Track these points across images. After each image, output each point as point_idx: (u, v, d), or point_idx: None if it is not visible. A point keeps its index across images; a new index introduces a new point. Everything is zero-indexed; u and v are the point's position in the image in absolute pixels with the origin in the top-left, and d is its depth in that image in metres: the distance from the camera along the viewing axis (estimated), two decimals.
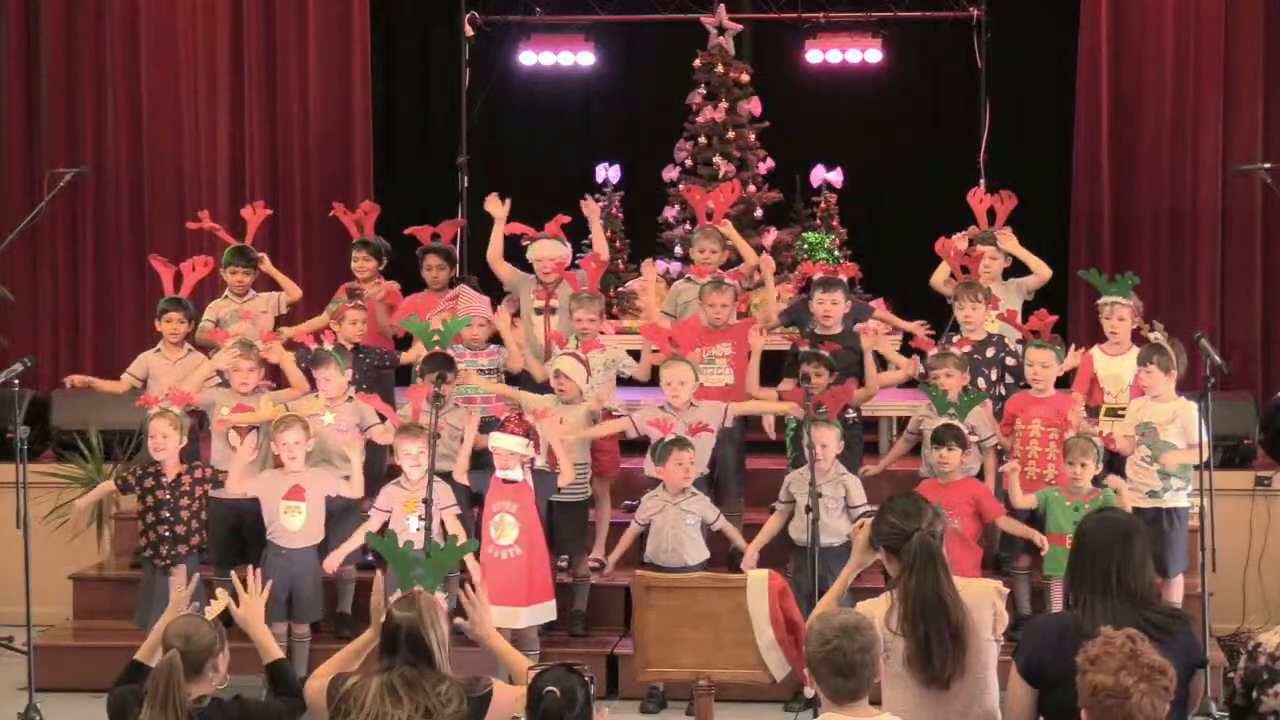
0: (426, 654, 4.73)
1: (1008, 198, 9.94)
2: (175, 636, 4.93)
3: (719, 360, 9.01)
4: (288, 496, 8.25)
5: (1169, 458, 8.17)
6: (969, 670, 4.87)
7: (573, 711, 4.48)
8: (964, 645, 4.84)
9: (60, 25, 11.49)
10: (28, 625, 8.08)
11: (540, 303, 9.41)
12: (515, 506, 8.15)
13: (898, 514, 4.98)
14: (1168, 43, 10.93)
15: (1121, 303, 8.75)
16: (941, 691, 4.85)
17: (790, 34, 12.46)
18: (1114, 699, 4.04)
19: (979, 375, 8.75)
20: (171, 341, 9.21)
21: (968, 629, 4.86)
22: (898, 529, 4.93)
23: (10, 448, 8.48)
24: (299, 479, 8.29)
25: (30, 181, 11.29)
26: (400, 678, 4.69)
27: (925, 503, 5.04)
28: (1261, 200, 10.76)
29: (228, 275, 9.64)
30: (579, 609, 8.70)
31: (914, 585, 4.85)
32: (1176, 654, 4.29)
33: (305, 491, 8.26)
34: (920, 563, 4.85)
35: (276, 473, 8.37)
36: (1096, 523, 4.96)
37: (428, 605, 4.77)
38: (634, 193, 12.02)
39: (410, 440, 8.23)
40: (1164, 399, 8.27)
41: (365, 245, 9.89)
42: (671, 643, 6.33)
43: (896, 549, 4.92)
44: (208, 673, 4.96)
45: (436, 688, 4.67)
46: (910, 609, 4.84)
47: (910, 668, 4.84)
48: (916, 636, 4.82)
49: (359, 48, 11.48)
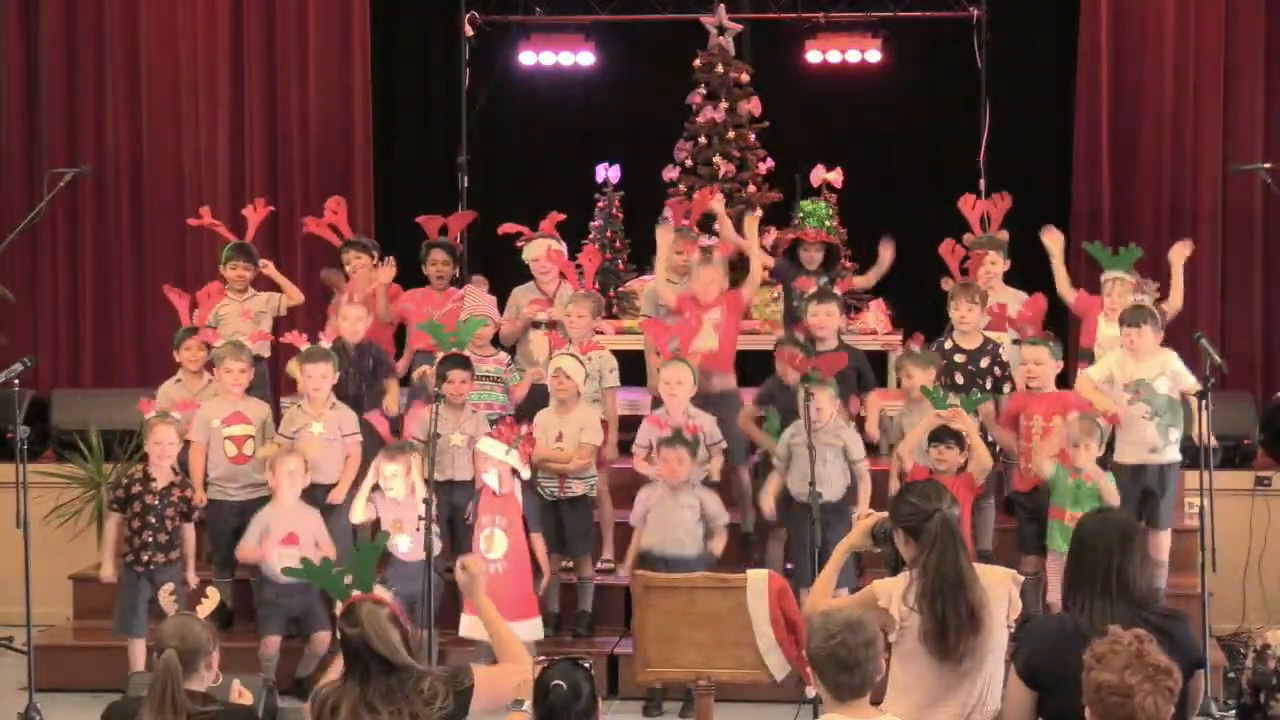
0: (388, 661, 4.54)
1: (1001, 200, 9.95)
2: (170, 636, 4.92)
3: (707, 325, 8.98)
4: (285, 541, 8.21)
5: (1188, 387, 8.21)
6: (981, 651, 4.98)
7: (578, 704, 4.49)
8: (979, 624, 4.98)
9: (60, 25, 11.48)
10: (28, 625, 8.07)
11: (542, 314, 9.39)
12: (504, 520, 8.11)
13: (918, 495, 5.17)
14: (1168, 43, 10.92)
15: (1124, 279, 8.80)
16: (954, 669, 4.99)
17: (790, 34, 12.46)
18: (1118, 697, 4.05)
19: (973, 384, 8.74)
20: (191, 370, 9.02)
21: (984, 609, 5.00)
22: (918, 509, 5.09)
23: (10, 448, 8.47)
24: (294, 525, 8.26)
25: (30, 181, 11.28)
26: (377, 691, 4.52)
27: (943, 488, 5.25)
28: (1261, 200, 10.75)
29: (228, 271, 9.62)
30: (584, 609, 8.69)
31: (935, 561, 5.00)
32: (1175, 654, 4.29)
33: (300, 537, 8.23)
34: (942, 540, 5.01)
35: (275, 507, 8.32)
36: (1095, 524, 4.98)
37: (369, 614, 4.57)
38: (634, 193, 12.03)
39: (388, 461, 8.18)
40: (1147, 354, 8.29)
41: (354, 244, 9.89)
42: (671, 643, 6.34)
43: (917, 529, 5.07)
44: (201, 671, 4.94)
45: (418, 686, 4.56)
46: (930, 585, 4.98)
47: (925, 643, 4.98)
48: (934, 612, 4.97)
49: (359, 48, 11.47)
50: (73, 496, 9.84)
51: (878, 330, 10.71)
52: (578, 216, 9.81)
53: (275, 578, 8.10)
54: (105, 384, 11.22)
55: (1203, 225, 10.87)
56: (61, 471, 9.90)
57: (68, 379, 11.39)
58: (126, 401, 10.02)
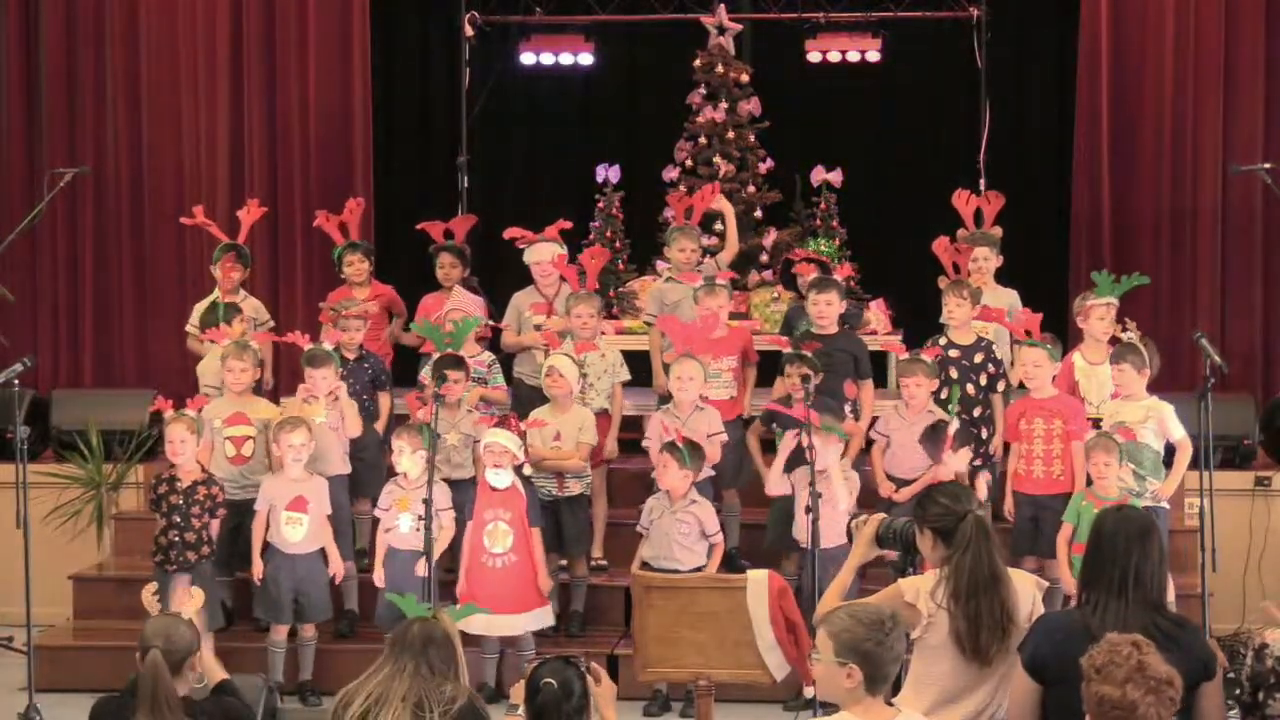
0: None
1: (994, 198, 9.95)
2: (155, 636, 4.92)
3: (724, 374, 9.03)
4: (290, 507, 8.26)
5: (1164, 490, 8.20)
6: (1008, 652, 4.98)
7: (570, 703, 4.49)
8: (1011, 623, 5.00)
9: (60, 25, 11.47)
10: (28, 625, 8.06)
11: (540, 318, 9.40)
12: (509, 514, 8.18)
13: (948, 496, 5.18)
14: (1168, 43, 10.91)
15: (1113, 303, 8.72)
16: (981, 669, 5.01)
17: (790, 34, 12.45)
18: (1120, 711, 4.04)
19: (968, 380, 8.73)
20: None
21: (1015, 609, 5.02)
22: (949, 510, 5.09)
23: (10, 448, 8.47)
24: (302, 489, 8.30)
25: (30, 181, 11.28)
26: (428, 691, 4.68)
27: (969, 489, 5.22)
28: (1262, 200, 10.75)
29: (219, 272, 9.63)
30: (576, 609, 8.73)
31: (970, 561, 5.01)
32: (1182, 663, 4.27)
33: (308, 504, 8.27)
34: (977, 540, 5.02)
35: (280, 478, 8.37)
36: (1115, 521, 4.92)
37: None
38: (634, 193, 12.02)
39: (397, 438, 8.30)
40: (1136, 398, 8.26)
41: (355, 248, 9.89)
42: (671, 643, 6.33)
43: (948, 530, 5.07)
44: (186, 672, 4.95)
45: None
46: (964, 584, 4.99)
47: (956, 641, 4.99)
48: (967, 612, 4.98)
49: (359, 47, 11.46)
50: (73, 496, 9.84)
51: (878, 330, 10.70)
52: (578, 217, 9.79)
53: (281, 547, 8.22)
54: (105, 384, 11.21)
55: (1203, 225, 10.88)
56: (61, 471, 9.89)
57: (68, 379, 11.38)
58: (126, 401, 10.05)
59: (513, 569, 8.16)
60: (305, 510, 8.27)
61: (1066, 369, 8.75)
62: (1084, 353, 8.84)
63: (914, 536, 5.21)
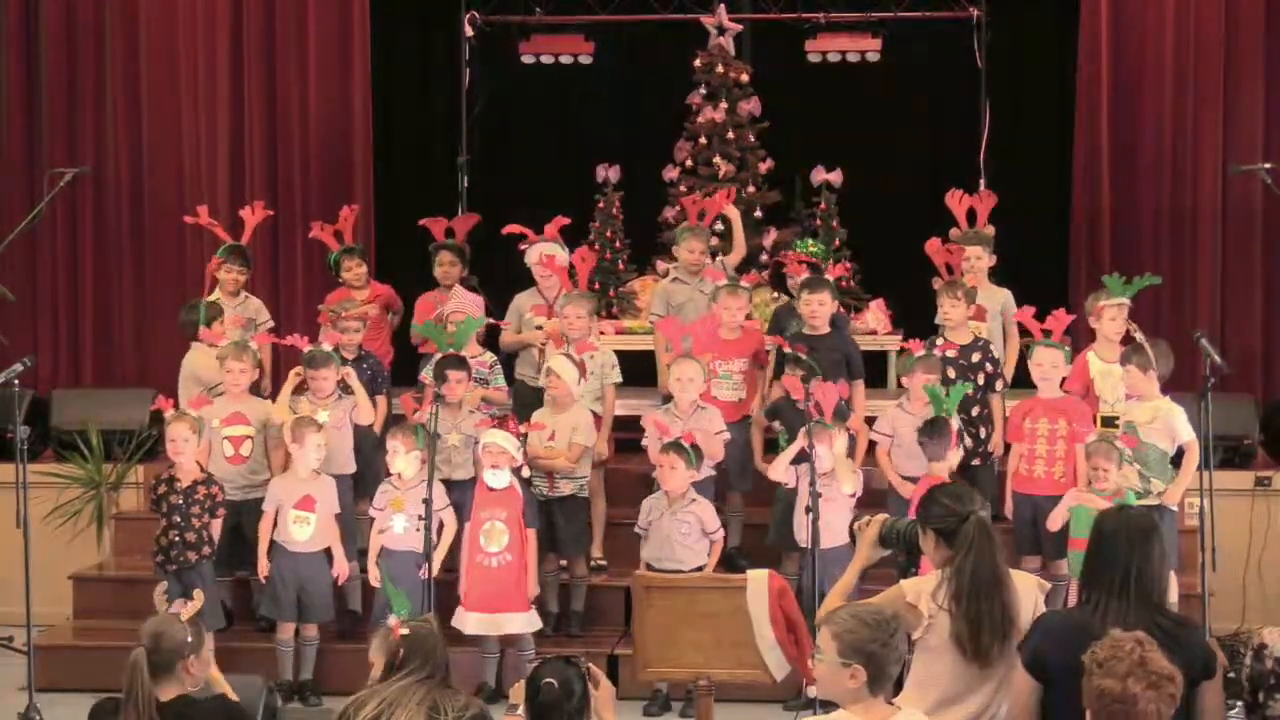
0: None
1: (987, 196, 9.95)
2: (144, 635, 4.94)
3: (735, 376, 9.04)
4: (298, 506, 8.27)
5: (1170, 495, 8.20)
6: (1009, 654, 4.98)
7: (570, 703, 4.49)
8: (1012, 625, 4.99)
9: (60, 25, 11.47)
10: (28, 625, 8.07)
11: (541, 319, 9.40)
12: (505, 514, 8.20)
13: (950, 497, 5.17)
14: (1168, 42, 10.91)
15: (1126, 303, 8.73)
16: (982, 670, 5.00)
17: (790, 34, 12.44)
18: (1120, 705, 4.04)
19: (965, 379, 8.73)
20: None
21: (1018, 611, 5.02)
22: (952, 511, 5.09)
23: (10, 448, 8.47)
24: (310, 488, 8.31)
25: (30, 181, 11.28)
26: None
27: (972, 489, 5.28)
28: (1262, 200, 10.75)
29: (221, 273, 9.63)
30: (576, 609, 8.73)
31: (973, 563, 5.00)
32: (1183, 662, 4.27)
33: (316, 503, 8.28)
34: (979, 542, 5.01)
35: (288, 478, 8.37)
36: (1117, 521, 4.93)
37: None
38: (634, 193, 12.01)
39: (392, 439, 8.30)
40: (1145, 398, 8.27)
41: (351, 252, 9.89)
42: (671, 643, 6.33)
43: (950, 531, 5.06)
44: (179, 673, 4.92)
45: None
46: (966, 585, 4.98)
47: (957, 642, 4.99)
48: (969, 613, 4.97)
49: (359, 48, 11.46)
50: (73, 496, 9.83)
51: (878, 330, 10.71)
52: (578, 217, 9.79)
53: (286, 545, 8.23)
54: (105, 384, 11.20)
55: (1203, 225, 10.87)
56: (61, 471, 9.89)
57: (68, 379, 11.38)
58: (126, 401, 10.05)
59: (509, 568, 8.18)
60: (313, 509, 8.28)
61: (1081, 368, 8.76)
62: (1098, 351, 8.85)
63: (917, 537, 5.21)
